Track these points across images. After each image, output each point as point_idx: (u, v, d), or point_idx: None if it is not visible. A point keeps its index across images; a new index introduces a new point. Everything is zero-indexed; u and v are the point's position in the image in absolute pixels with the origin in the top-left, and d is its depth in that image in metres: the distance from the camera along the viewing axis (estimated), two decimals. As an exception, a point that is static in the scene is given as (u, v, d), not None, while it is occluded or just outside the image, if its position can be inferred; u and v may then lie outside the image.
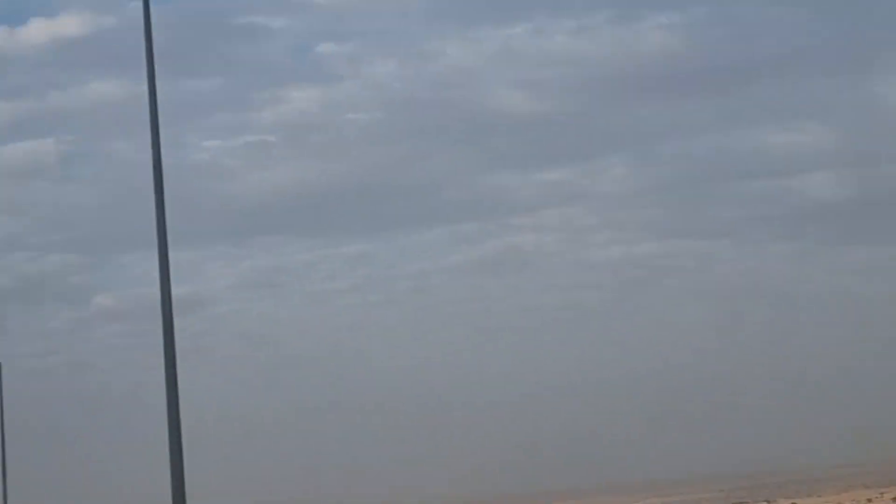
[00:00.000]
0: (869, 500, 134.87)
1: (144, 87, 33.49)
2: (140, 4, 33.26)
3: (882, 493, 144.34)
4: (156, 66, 34.00)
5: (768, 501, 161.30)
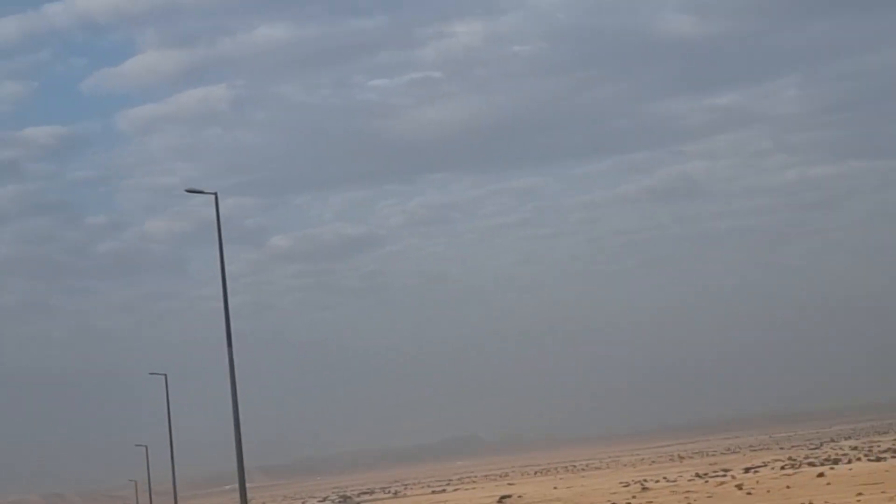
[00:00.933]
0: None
1: (310, 30, 31.67)
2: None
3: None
4: (321, 7, 31.88)
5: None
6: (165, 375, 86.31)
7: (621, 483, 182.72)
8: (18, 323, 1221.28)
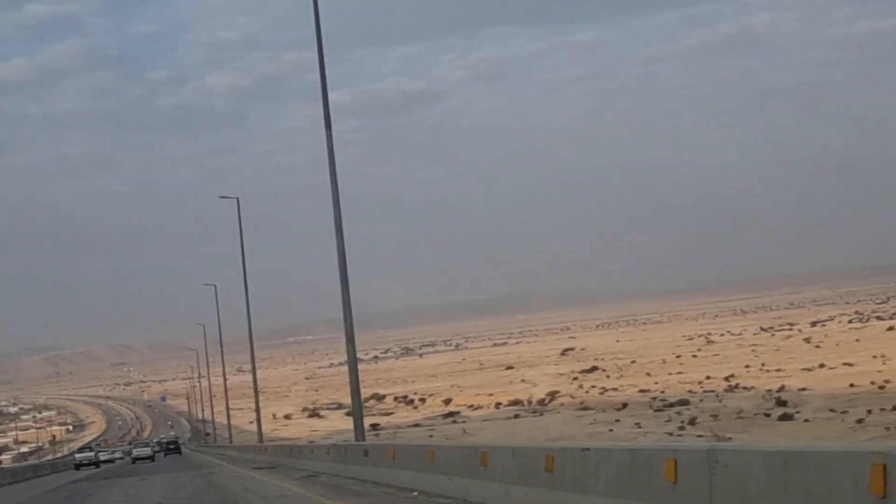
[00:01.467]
0: None
1: None
2: None
3: None
4: None
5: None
6: (237, 199, 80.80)
7: (685, 336, 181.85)
8: (82, 177, 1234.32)
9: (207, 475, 45.78)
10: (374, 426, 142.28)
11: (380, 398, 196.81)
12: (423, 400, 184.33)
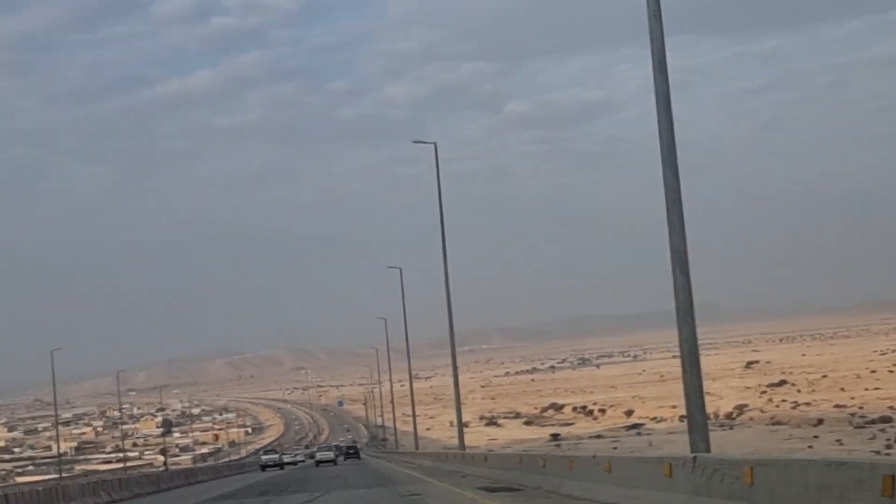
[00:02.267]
0: None
1: None
2: None
3: None
4: None
5: None
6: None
7: (877, 351, 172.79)
8: (264, 187, 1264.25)
9: (411, 498, 32.26)
10: (555, 436, 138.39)
11: (558, 408, 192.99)
12: (602, 411, 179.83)
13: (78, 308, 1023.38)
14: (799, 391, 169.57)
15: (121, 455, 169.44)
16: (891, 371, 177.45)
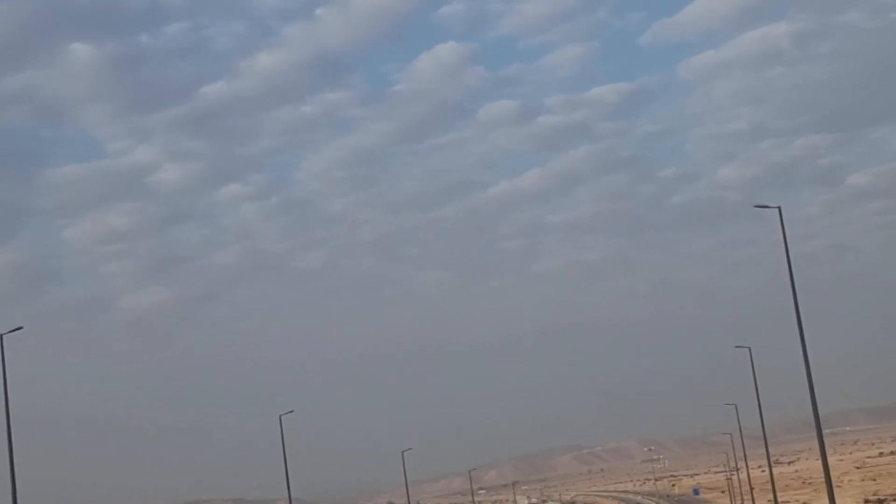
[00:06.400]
0: None
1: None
2: None
3: None
4: None
5: None
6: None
7: None
8: (602, 279, 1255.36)
9: None
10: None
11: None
12: None
13: (427, 408, 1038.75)
14: None
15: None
16: None
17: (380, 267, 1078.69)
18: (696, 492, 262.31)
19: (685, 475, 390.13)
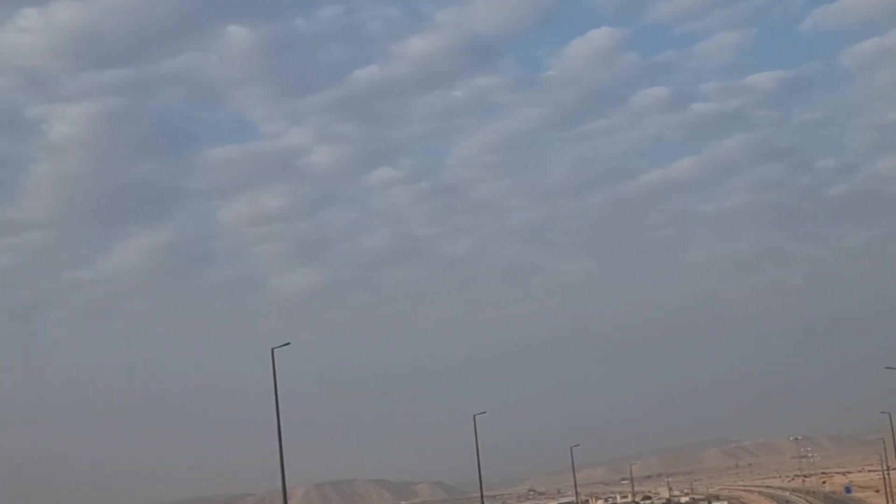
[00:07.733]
0: None
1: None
2: None
3: None
4: None
5: None
6: None
7: None
8: (753, 272, 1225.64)
9: None
10: None
11: None
12: None
13: (571, 398, 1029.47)
14: None
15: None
16: None
17: (527, 254, 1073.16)
18: (848, 490, 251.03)
19: (837, 472, 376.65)
